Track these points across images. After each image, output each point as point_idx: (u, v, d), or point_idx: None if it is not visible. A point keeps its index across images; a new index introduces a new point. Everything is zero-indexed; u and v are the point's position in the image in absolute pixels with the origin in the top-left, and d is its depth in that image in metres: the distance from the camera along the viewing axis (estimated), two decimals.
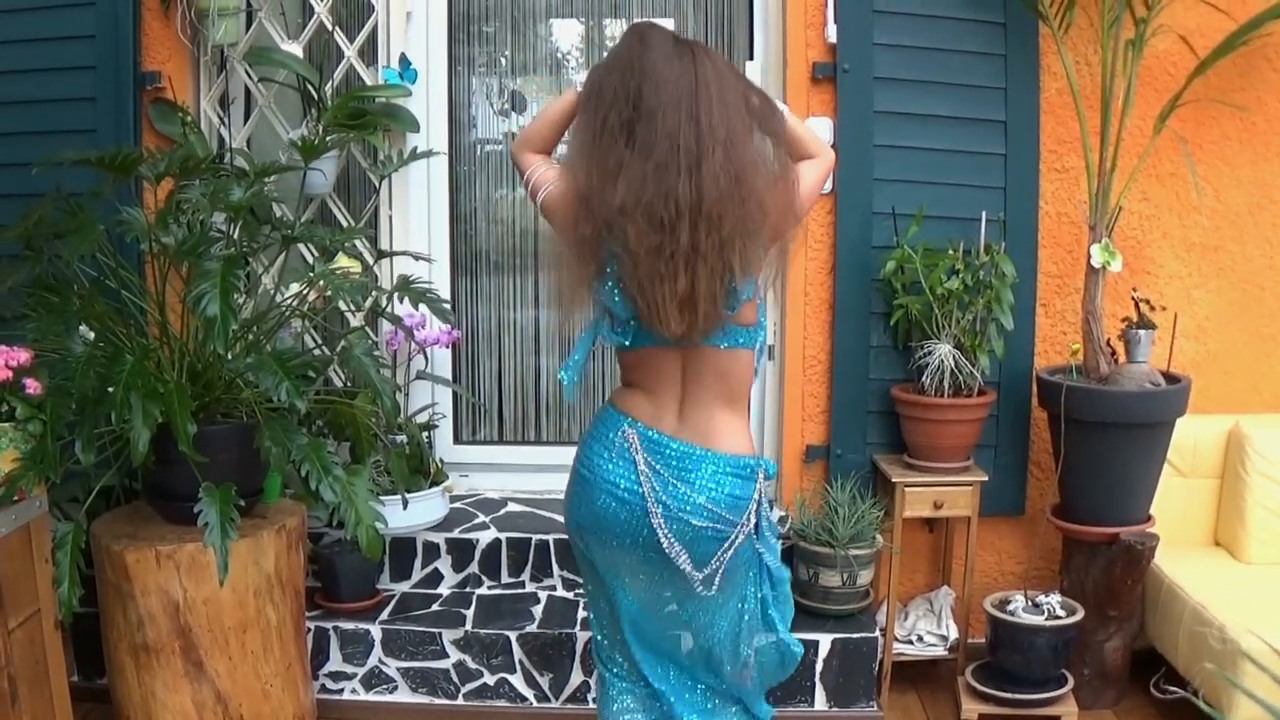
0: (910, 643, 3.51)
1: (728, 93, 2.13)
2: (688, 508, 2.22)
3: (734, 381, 2.27)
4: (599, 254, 2.16)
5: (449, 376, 3.87)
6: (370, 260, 3.63)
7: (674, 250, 2.08)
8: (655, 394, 2.28)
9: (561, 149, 2.38)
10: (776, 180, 2.17)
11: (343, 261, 3.41)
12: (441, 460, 3.77)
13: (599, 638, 2.53)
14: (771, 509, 2.41)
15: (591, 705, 3.32)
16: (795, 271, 3.58)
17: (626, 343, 2.24)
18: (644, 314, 2.14)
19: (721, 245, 2.08)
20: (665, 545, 2.23)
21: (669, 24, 3.77)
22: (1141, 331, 3.35)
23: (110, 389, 2.62)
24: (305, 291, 3.18)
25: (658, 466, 2.23)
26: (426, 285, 3.42)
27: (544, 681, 3.34)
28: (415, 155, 3.54)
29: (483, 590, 3.59)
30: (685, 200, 2.06)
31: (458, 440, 4.03)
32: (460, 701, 3.36)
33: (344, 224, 3.69)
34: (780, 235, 2.20)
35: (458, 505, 3.80)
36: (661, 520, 2.22)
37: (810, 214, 3.53)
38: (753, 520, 2.27)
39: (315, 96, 3.56)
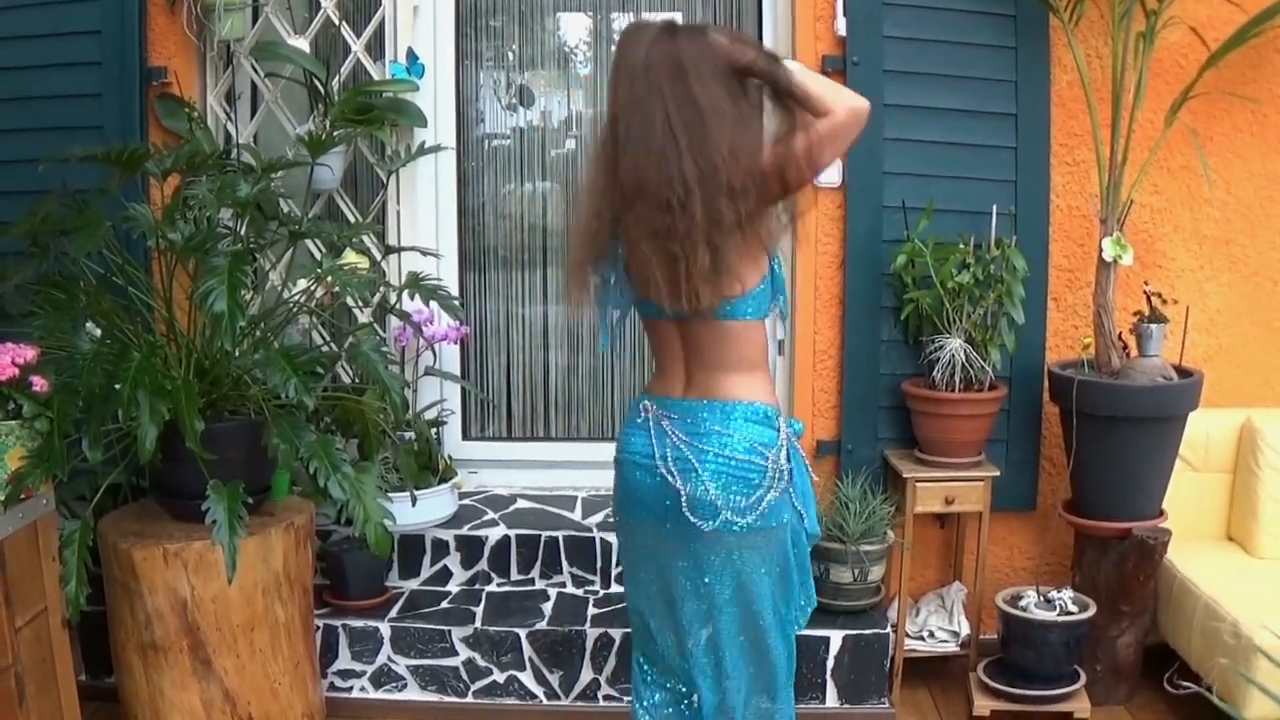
0: (922, 639, 3.49)
1: (704, 66, 2.11)
2: (703, 459, 2.23)
3: (738, 349, 2.27)
4: (604, 242, 2.24)
5: (457, 372, 3.85)
6: (378, 256, 3.62)
7: (689, 228, 2.08)
8: (665, 365, 2.35)
9: None
10: (775, 144, 2.17)
11: (350, 257, 3.41)
12: (450, 457, 3.75)
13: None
14: (810, 471, 2.41)
15: (601, 702, 3.32)
16: (805, 266, 3.57)
17: (628, 308, 2.34)
18: (655, 296, 2.17)
19: (748, 217, 2.11)
20: (684, 502, 2.23)
21: (677, 17, 3.76)
22: (1153, 325, 3.33)
23: (117, 386, 2.62)
24: (313, 287, 3.17)
25: (671, 426, 2.28)
26: (436, 281, 3.41)
27: (554, 679, 3.33)
28: (423, 150, 3.53)
29: (492, 587, 3.58)
30: (693, 177, 2.07)
31: (466, 436, 4.01)
32: (470, 699, 3.35)
33: (351, 219, 3.68)
34: (777, 192, 2.18)
35: (466, 502, 3.78)
36: (676, 477, 2.24)
37: (820, 208, 3.53)
38: (785, 466, 2.27)
39: (322, 91, 3.55)
